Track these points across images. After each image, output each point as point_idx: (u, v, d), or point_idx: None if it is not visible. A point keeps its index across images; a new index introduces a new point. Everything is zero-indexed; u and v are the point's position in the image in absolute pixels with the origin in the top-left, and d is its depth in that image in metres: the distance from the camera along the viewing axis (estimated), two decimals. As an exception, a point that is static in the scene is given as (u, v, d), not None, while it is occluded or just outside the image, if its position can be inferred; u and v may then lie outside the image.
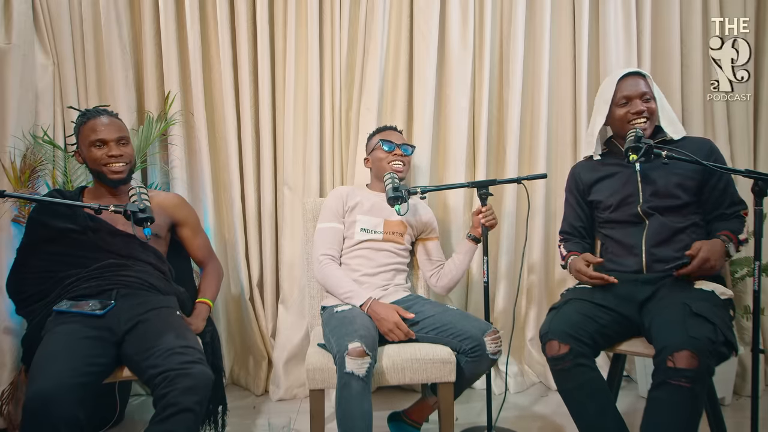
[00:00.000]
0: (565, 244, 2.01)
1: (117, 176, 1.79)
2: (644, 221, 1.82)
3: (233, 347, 2.65)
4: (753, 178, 1.60)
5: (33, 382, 1.40)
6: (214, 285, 2.01)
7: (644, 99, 1.85)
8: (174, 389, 1.42)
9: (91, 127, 1.78)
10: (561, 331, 1.63)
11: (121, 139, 1.81)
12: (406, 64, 2.49)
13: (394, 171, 2.03)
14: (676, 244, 1.77)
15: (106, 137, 1.77)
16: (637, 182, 1.84)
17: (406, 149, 2.13)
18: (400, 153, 2.10)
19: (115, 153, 1.78)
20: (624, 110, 1.86)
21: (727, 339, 1.51)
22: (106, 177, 1.79)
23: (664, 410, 1.45)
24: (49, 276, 1.72)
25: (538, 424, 2.22)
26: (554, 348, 1.62)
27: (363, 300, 1.87)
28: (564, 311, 1.71)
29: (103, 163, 1.78)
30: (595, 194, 1.94)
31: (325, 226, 2.06)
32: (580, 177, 2.00)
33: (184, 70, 2.48)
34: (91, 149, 1.78)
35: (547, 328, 1.67)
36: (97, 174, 1.81)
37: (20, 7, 2.21)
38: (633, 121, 1.85)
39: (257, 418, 2.29)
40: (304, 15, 2.45)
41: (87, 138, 1.78)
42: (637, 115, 1.84)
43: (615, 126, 1.93)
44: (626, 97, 1.86)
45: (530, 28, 2.49)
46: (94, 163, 1.79)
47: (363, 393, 1.59)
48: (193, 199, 2.49)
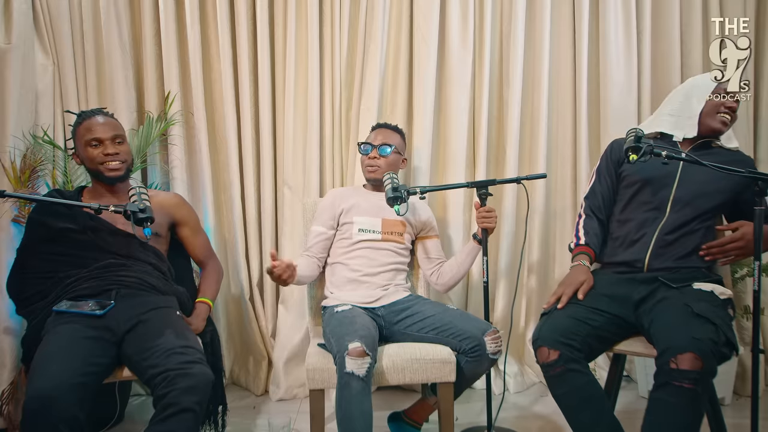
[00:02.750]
0: (584, 224, 1.94)
1: (114, 173, 1.79)
2: (665, 212, 1.80)
3: (233, 347, 2.65)
4: (753, 178, 1.60)
5: (33, 382, 1.40)
6: (214, 285, 2.01)
7: (737, 103, 1.84)
8: (174, 389, 1.42)
9: (86, 126, 1.79)
10: (551, 337, 1.62)
11: (117, 137, 1.81)
12: (406, 64, 2.49)
13: (368, 173, 2.10)
14: (679, 248, 1.77)
15: (102, 136, 1.78)
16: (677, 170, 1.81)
17: (384, 149, 2.08)
18: (375, 155, 2.08)
19: (110, 151, 1.78)
20: (719, 99, 1.84)
21: (728, 339, 1.51)
22: (103, 175, 1.80)
23: (666, 411, 1.44)
24: (49, 276, 1.72)
25: (537, 424, 2.22)
26: (544, 354, 1.61)
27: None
28: (554, 316, 1.70)
29: (99, 162, 1.78)
30: (627, 168, 1.90)
31: (313, 229, 2.10)
32: (619, 150, 1.93)
33: (184, 70, 2.48)
34: (87, 149, 1.78)
35: (537, 335, 1.67)
36: (94, 173, 1.81)
37: (20, 7, 2.21)
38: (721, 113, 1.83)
39: (257, 418, 2.29)
40: (304, 15, 2.45)
41: (83, 138, 1.78)
42: (729, 109, 1.83)
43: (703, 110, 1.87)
44: (723, 90, 1.84)
45: (530, 28, 2.49)
46: (90, 162, 1.79)
47: (363, 393, 1.59)
48: (193, 199, 2.49)
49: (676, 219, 1.79)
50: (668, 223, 1.79)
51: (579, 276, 1.80)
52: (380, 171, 2.07)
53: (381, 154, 2.08)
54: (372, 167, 2.09)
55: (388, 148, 2.08)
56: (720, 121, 1.82)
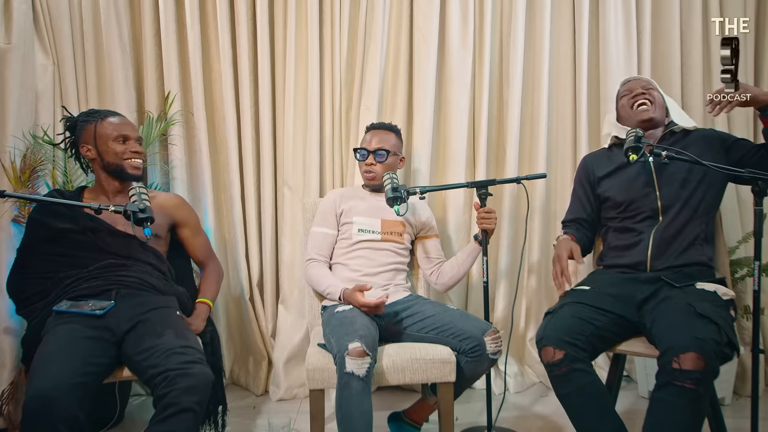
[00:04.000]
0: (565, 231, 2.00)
1: (136, 172, 1.84)
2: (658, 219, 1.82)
3: (233, 347, 2.65)
4: (753, 178, 1.60)
5: (33, 382, 1.40)
6: (214, 285, 2.01)
7: (645, 88, 1.91)
8: (174, 389, 1.42)
9: (111, 123, 1.83)
10: (556, 336, 1.62)
11: (139, 138, 1.88)
12: (406, 64, 2.49)
13: (366, 180, 2.11)
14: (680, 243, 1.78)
15: (129, 134, 1.83)
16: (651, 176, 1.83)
17: (380, 154, 2.07)
18: (372, 161, 2.08)
19: (137, 149, 1.84)
20: (626, 98, 1.94)
21: (730, 340, 1.51)
22: (125, 171, 1.82)
23: (668, 411, 1.44)
24: (49, 276, 1.72)
25: (538, 424, 2.22)
26: (549, 354, 1.61)
27: (339, 292, 1.90)
28: (559, 316, 1.70)
29: (125, 158, 1.81)
30: (605, 188, 1.93)
31: (315, 231, 2.10)
32: (591, 168, 1.99)
33: (184, 70, 2.48)
34: (113, 144, 1.80)
35: (542, 334, 1.66)
36: (114, 169, 1.82)
37: (20, 7, 2.21)
38: (636, 105, 1.89)
39: (257, 418, 2.29)
40: (304, 15, 2.45)
41: (108, 133, 1.80)
42: (636, 97, 1.90)
43: (623, 119, 1.98)
44: (628, 89, 1.95)
45: (530, 28, 2.50)
46: (115, 156, 1.80)
47: (363, 393, 1.59)
48: (193, 199, 2.49)
49: (671, 219, 1.80)
50: (664, 225, 1.80)
51: (565, 244, 1.86)
52: (378, 176, 2.07)
53: (377, 161, 2.08)
54: (370, 173, 2.09)
55: (384, 153, 2.07)
56: (641, 110, 1.88)
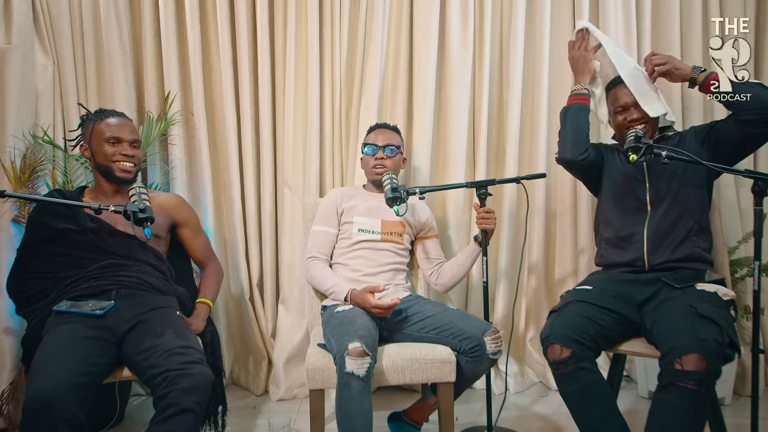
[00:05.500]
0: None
1: (125, 175, 1.81)
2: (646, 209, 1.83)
3: (233, 347, 2.65)
4: (753, 178, 1.60)
5: (33, 382, 1.40)
6: (214, 285, 2.01)
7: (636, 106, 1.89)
8: (174, 389, 1.42)
9: (108, 124, 1.81)
10: (563, 334, 1.62)
11: (135, 141, 1.85)
12: (406, 64, 2.49)
13: (375, 174, 2.08)
14: (674, 236, 1.79)
15: (122, 136, 1.81)
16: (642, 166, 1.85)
17: (391, 149, 2.09)
18: (382, 155, 2.09)
19: (128, 153, 1.81)
20: (622, 117, 1.92)
21: (731, 340, 1.51)
22: (113, 173, 1.80)
23: (670, 412, 1.44)
24: (49, 276, 1.72)
25: (538, 424, 2.22)
26: (556, 352, 1.61)
27: (345, 292, 1.90)
28: (565, 314, 1.70)
29: (114, 160, 1.80)
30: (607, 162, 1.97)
31: (316, 230, 2.10)
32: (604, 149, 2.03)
33: (184, 70, 2.48)
34: (104, 145, 1.79)
35: (548, 332, 1.66)
36: (104, 170, 1.81)
37: (20, 7, 2.21)
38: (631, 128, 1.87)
39: (257, 418, 2.29)
40: (304, 15, 2.45)
41: (102, 134, 1.80)
42: (634, 122, 1.89)
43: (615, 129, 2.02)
44: (622, 106, 1.92)
45: (530, 28, 2.49)
46: (104, 158, 1.80)
47: (363, 393, 1.59)
48: (193, 199, 2.49)
49: (663, 213, 1.81)
50: (656, 219, 1.81)
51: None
52: (391, 170, 2.08)
53: (387, 155, 2.08)
54: (381, 167, 2.08)
55: (394, 148, 2.10)
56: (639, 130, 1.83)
